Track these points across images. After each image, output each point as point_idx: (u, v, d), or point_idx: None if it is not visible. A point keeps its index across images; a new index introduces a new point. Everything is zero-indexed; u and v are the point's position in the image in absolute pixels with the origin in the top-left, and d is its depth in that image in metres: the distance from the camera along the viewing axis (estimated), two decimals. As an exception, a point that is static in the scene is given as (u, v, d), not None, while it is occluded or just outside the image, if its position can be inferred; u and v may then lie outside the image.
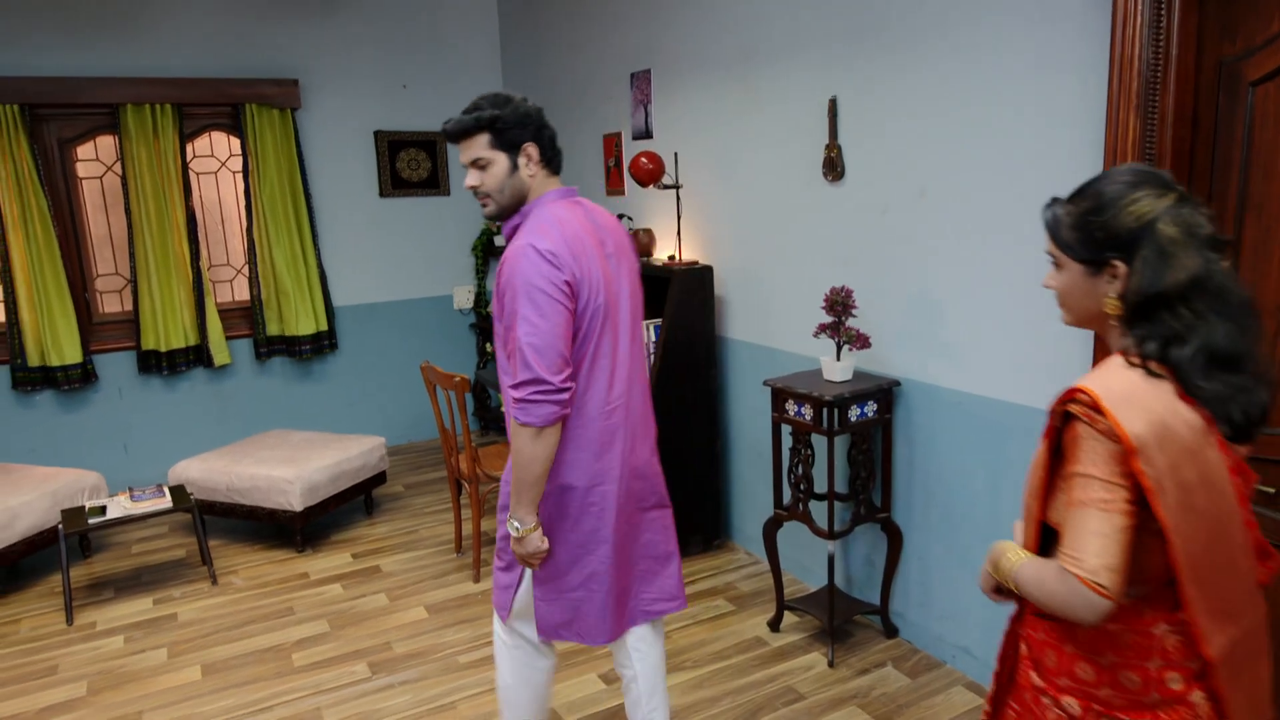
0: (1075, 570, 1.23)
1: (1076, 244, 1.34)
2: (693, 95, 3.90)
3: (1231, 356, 1.26)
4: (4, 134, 4.47)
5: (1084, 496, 1.25)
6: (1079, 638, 1.35)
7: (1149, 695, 1.31)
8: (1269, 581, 1.37)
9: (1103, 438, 1.23)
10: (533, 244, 1.94)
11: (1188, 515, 1.23)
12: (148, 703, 3.03)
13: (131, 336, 5.00)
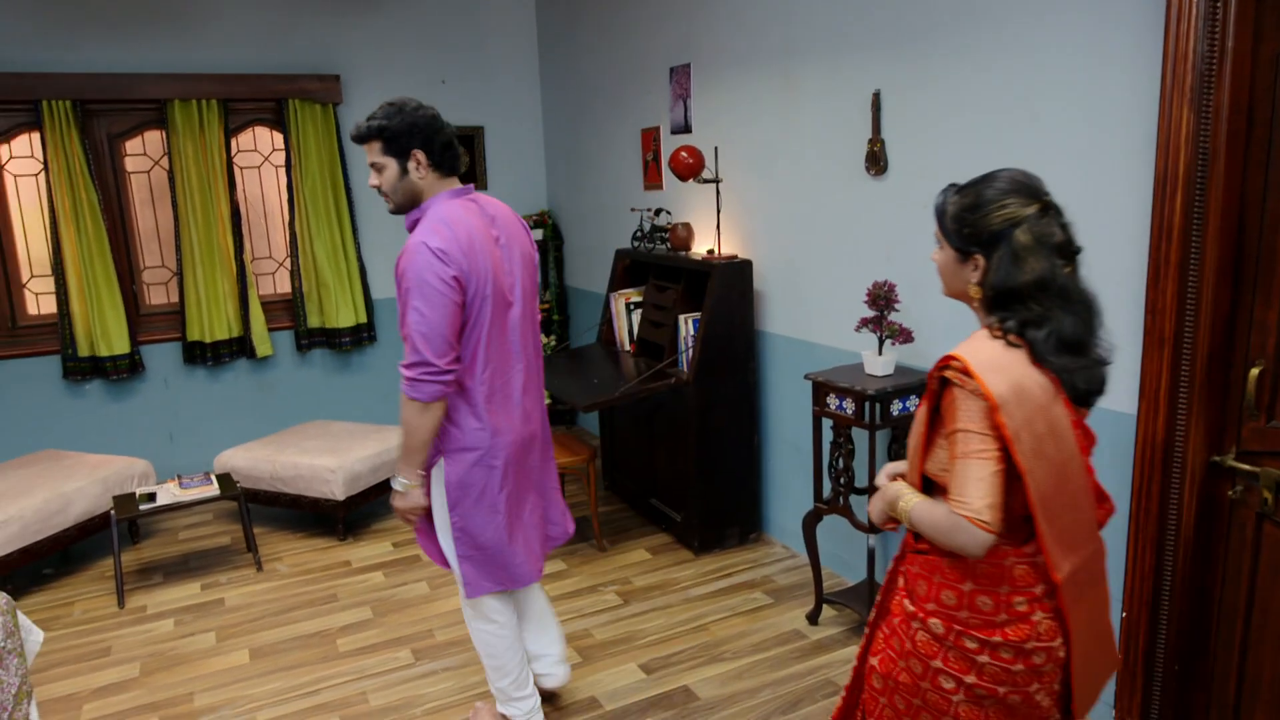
0: (963, 511, 1.48)
1: (952, 234, 1.59)
2: (733, 90, 3.90)
3: (1076, 342, 1.52)
4: (57, 129, 4.57)
5: (965, 449, 1.50)
6: (945, 570, 1.60)
7: (998, 615, 1.57)
8: (1105, 522, 1.65)
9: (974, 397, 1.49)
10: (425, 242, 2.20)
11: (1039, 460, 1.48)
12: (198, 684, 3.11)
13: (177, 328, 5.10)
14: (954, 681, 1.58)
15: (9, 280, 4.79)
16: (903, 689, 1.65)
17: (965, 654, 1.57)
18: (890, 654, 1.67)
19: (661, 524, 4.22)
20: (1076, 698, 1.64)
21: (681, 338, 3.93)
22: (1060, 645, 1.58)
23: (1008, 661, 1.56)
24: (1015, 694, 1.57)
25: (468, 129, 5.64)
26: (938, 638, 1.60)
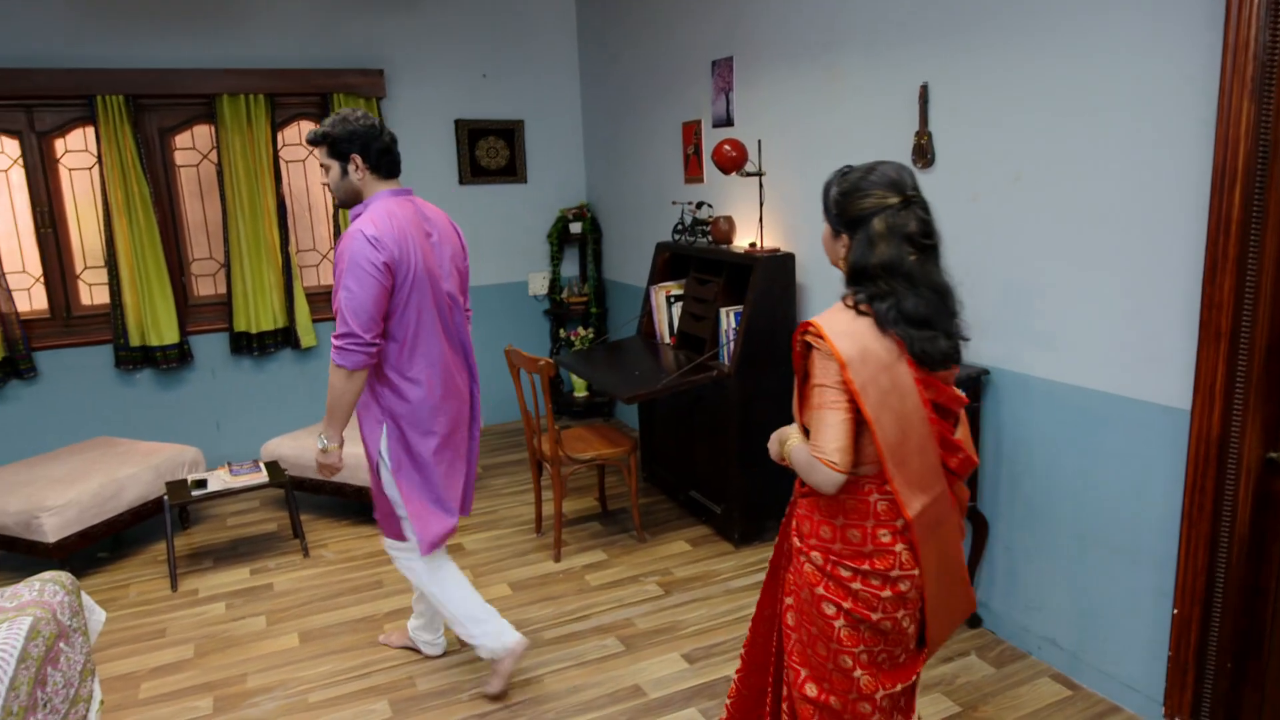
0: (817, 454, 1.74)
1: (828, 211, 1.84)
2: (776, 83, 3.90)
3: (918, 319, 1.73)
4: (111, 123, 4.68)
5: (820, 401, 1.75)
6: (822, 508, 1.85)
7: (866, 546, 1.80)
8: (959, 468, 1.84)
9: (827, 357, 1.73)
10: (362, 230, 2.51)
11: (884, 410, 1.71)
12: (251, 666, 3.19)
13: (224, 318, 5.20)
14: (834, 607, 1.83)
15: (64, 271, 4.92)
16: (804, 618, 1.89)
17: (841, 582, 1.82)
18: (794, 587, 1.91)
19: (701, 516, 4.24)
20: (929, 626, 1.86)
21: (723, 331, 3.94)
22: (919, 575, 1.81)
23: (876, 588, 1.80)
24: (886, 619, 1.81)
25: (508, 123, 5.68)
26: (819, 568, 1.85)
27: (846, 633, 1.82)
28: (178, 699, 3.00)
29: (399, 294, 2.58)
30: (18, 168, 4.77)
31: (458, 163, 5.60)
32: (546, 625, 3.38)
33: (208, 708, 2.95)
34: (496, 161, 5.69)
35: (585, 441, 4.01)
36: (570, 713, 2.84)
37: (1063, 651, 2.93)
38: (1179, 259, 2.40)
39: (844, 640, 1.82)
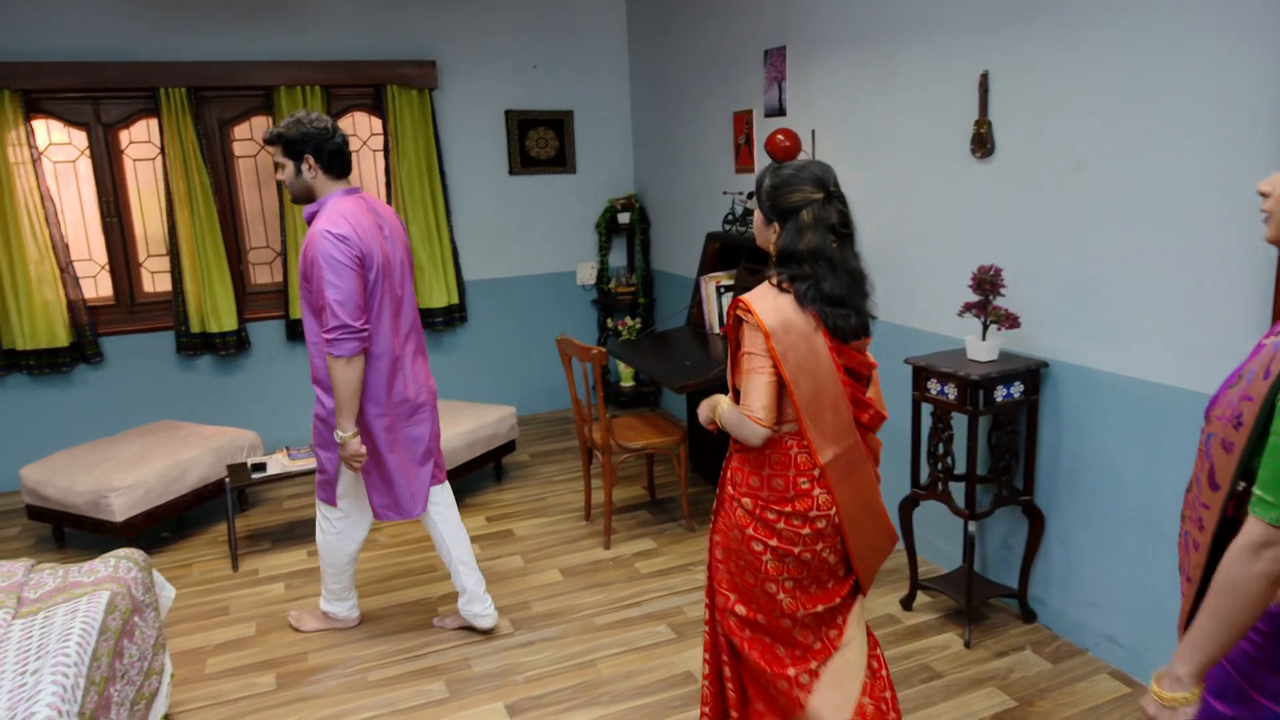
0: (746, 412, 2.01)
1: (762, 203, 2.06)
2: (831, 71, 3.88)
3: (834, 298, 1.98)
4: (173, 115, 4.79)
5: (748, 366, 2.00)
6: (751, 461, 2.11)
7: (789, 492, 2.07)
8: (870, 422, 2.12)
9: (754, 329, 1.98)
10: (328, 230, 2.70)
11: (801, 374, 1.99)
12: (311, 644, 3.27)
13: (280, 306, 5.31)
14: (762, 544, 2.11)
15: (128, 259, 5.06)
16: (732, 554, 2.17)
17: (768, 523, 2.09)
18: (724, 529, 2.19)
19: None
20: (852, 556, 2.15)
21: (774, 321, 3.93)
22: (835, 514, 2.09)
23: (797, 527, 2.08)
24: (806, 551, 2.09)
25: (558, 113, 5.71)
26: (749, 512, 2.12)
27: (773, 565, 2.11)
28: (242, 674, 3.09)
29: (366, 286, 2.79)
30: (85, 158, 4.91)
31: (508, 153, 5.65)
32: (599, 611, 3.42)
33: (270, 684, 3.03)
34: (546, 152, 5.72)
35: (635, 430, 4.04)
36: (625, 697, 2.88)
37: (1122, 648, 2.89)
38: (1249, 250, 2.35)
39: (770, 571, 2.11)
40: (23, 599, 2.44)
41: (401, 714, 2.84)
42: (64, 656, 2.04)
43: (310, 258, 2.73)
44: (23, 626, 2.29)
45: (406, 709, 2.86)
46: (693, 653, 3.11)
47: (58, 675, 1.97)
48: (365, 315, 2.77)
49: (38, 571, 2.60)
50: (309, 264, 2.74)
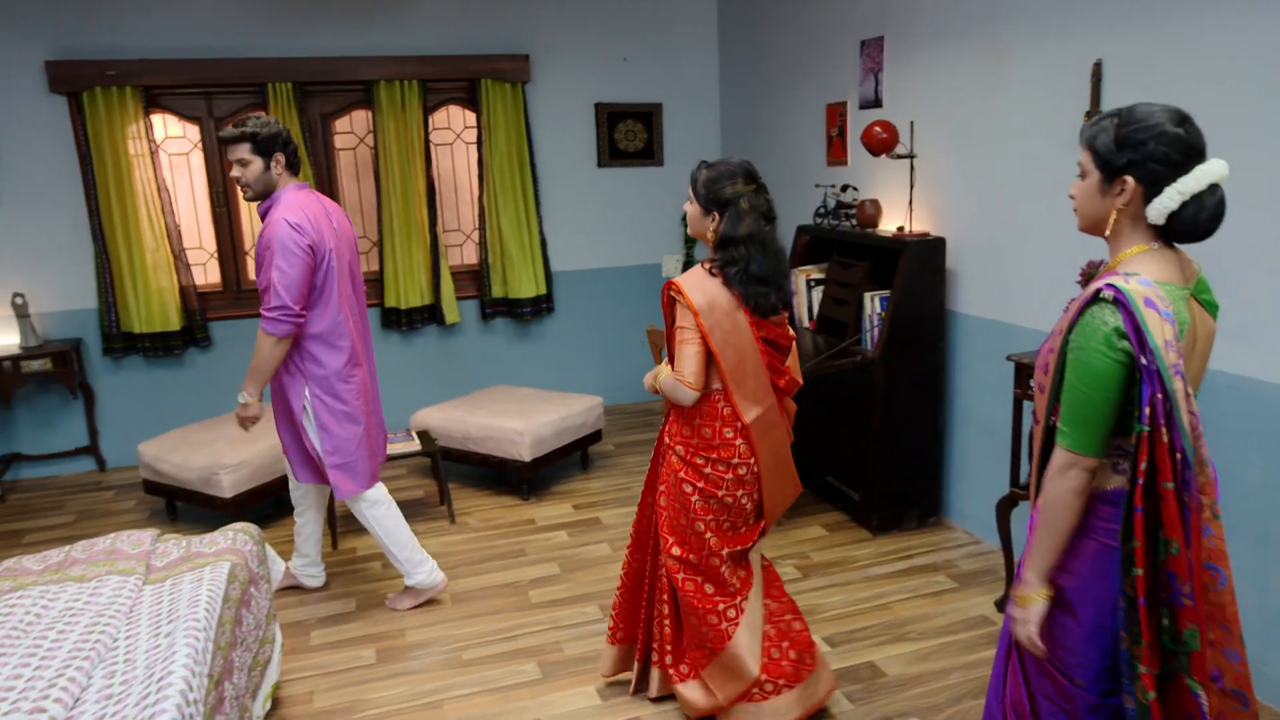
0: (678, 377, 2.36)
1: (700, 196, 2.36)
2: (931, 62, 3.80)
3: (761, 278, 2.33)
4: (280, 109, 4.98)
5: (680, 339, 2.36)
6: (684, 415, 2.45)
7: (715, 441, 2.42)
8: (786, 387, 2.48)
9: (685, 307, 2.33)
10: (286, 219, 2.93)
11: (726, 346, 2.34)
12: (408, 621, 3.37)
13: (376, 294, 5.47)
14: (691, 486, 2.45)
15: (235, 248, 5.28)
16: (669, 495, 2.52)
17: (697, 468, 2.44)
18: (665, 478, 2.53)
19: (837, 502, 4.21)
20: (765, 503, 2.52)
21: (866, 315, 3.89)
22: (755, 463, 2.43)
23: (722, 472, 2.42)
24: (728, 495, 2.44)
25: (647, 106, 5.74)
26: (681, 458, 2.47)
27: (700, 505, 2.45)
28: (345, 648, 3.21)
29: (318, 273, 3.03)
30: (197, 151, 5.15)
31: (596, 146, 5.70)
32: (686, 601, 3.44)
33: (371, 658, 3.14)
34: (634, 144, 5.76)
35: (723, 423, 4.04)
36: (714, 686, 2.89)
37: (1234, 660, 2.77)
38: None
39: (698, 510, 2.45)
40: (151, 566, 2.59)
41: (497, 692, 2.91)
42: (194, 621, 2.16)
43: (264, 243, 2.98)
44: (153, 592, 2.43)
45: (502, 688, 2.94)
46: (782, 646, 3.11)
47: (189, 638, 2.08)
48: (304, 303, 3.01)
49: (163, 541, 2.75)
50: (263, 250, 2.98)
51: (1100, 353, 1.51)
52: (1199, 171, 1.53)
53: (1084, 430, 1.55)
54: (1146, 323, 1.47)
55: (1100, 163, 1.59)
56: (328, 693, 2.95)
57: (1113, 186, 1.58)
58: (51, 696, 1.90)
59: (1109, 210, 1.60)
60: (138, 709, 1.85)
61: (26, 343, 4.77)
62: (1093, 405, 1.53)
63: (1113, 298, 1.51)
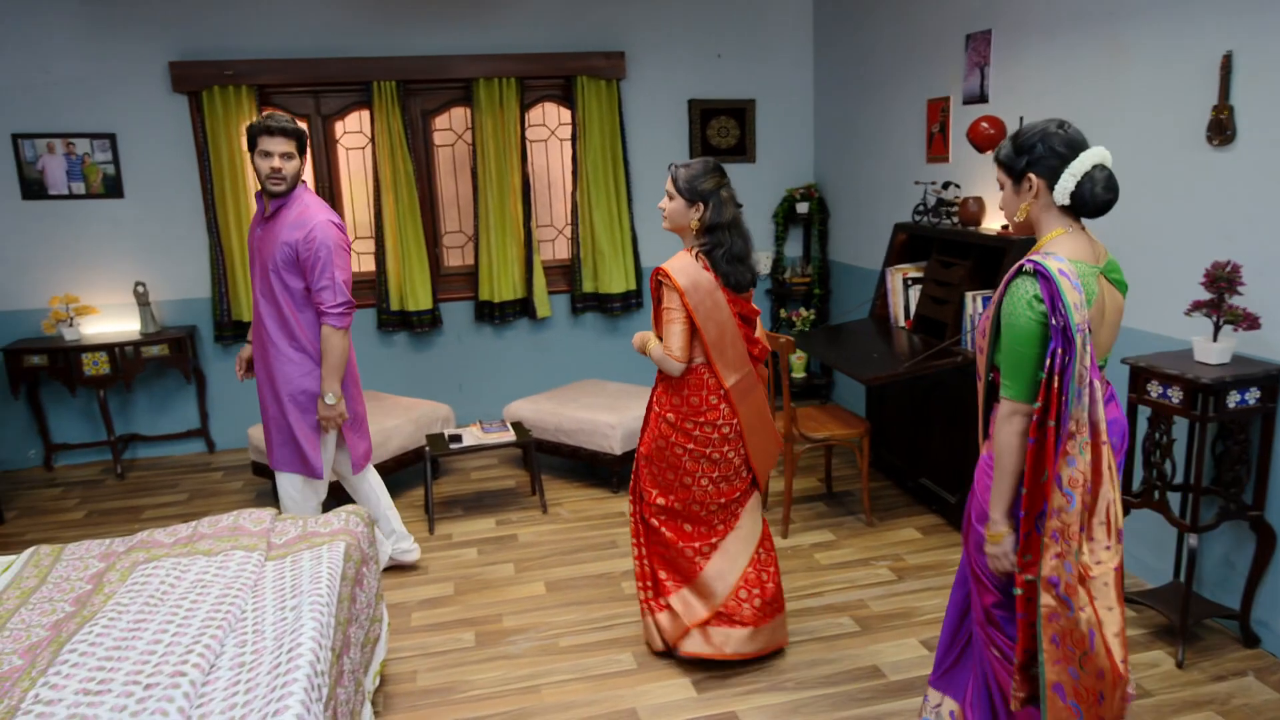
0: (667, 351, 2.70)
1: (684, 191, 2.69)
2: (1042, 56, 3.70)
3: (740, 257, 2.71)
4: (384, 107, 5.14)
5: (669, 318, 2.68)
6: (673, 386, 2.79)
7: (702, 406, 2.76)
8: (760, 354, 2.85)
9: (672, 289, 2.65)
10: (332, 220, 3.17)
11: (708, 321, 2.67)
12: (505, 608, 3.45)
13: (470, 288, 5.60)
14: (683, 449, 2.81)
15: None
16: (655, 457, 2.86)
17: (687, 431, 2.79)
18: (649, 440, 2.88)
19: (931, 504, 4.14)
20: (751, 459, 2.87)
21: (968, 315, 3.81)
22: (737, 423, 2.79)
23: (709, 433, 2.78)
24: (716, 452, 2.80)
25: (740, 102, 5.72)
26: (671, 424, 2.80)
27: (690, 463, 2.81)
28: (444, 630, 3.30)
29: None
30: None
31: (688, 142, 5.71)
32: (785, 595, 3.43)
33: (470, 641, 3.22)
34: (727, 141, 5.75)
35: (817, 421, 4.01)
36: (811, 685, 2.88)
37: (1366, 684, 2.64)
38: None
39: (689, 468, 2.82)
40: (271, 544, 2.71)
41: (594, 680, 2.96)
42: (318, 596, 2.26)
43: (315, 241, 3.10)
44: (274, 568, 2.54)
45: (598, 676, 2.98)
46: (878, 647, 3.08)
47: (315, 612, 2.18)
48: None
49: (280, 520, 2.87)
50: (308, 247, 3.10)
51: (1024, 315, 1.84)
52: (1084, 157, 1.89)
53: (1019, 381, 1.88)
54: (1062, 289, 1.79)
55: (1008, 171, 1.99)
56: (429, 672, 3.04)
57: (1022, 186, 1.96)
58: (190, 661, 2.01)
59: (1026, 206, 1.97)
60: (270, 676, 1.94)
61: (146, 329, 5.03)
62: (1023, 359, 1.86)
63: (1033, 270, 1.84)
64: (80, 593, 2.46)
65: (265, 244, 3.21)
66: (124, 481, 5.04)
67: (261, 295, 3.26)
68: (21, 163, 4.93)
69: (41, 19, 4.80)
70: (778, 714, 2.74)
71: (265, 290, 3.24)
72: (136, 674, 1.98)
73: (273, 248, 3.17)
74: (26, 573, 2.60)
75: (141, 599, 2.35)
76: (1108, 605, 1.83)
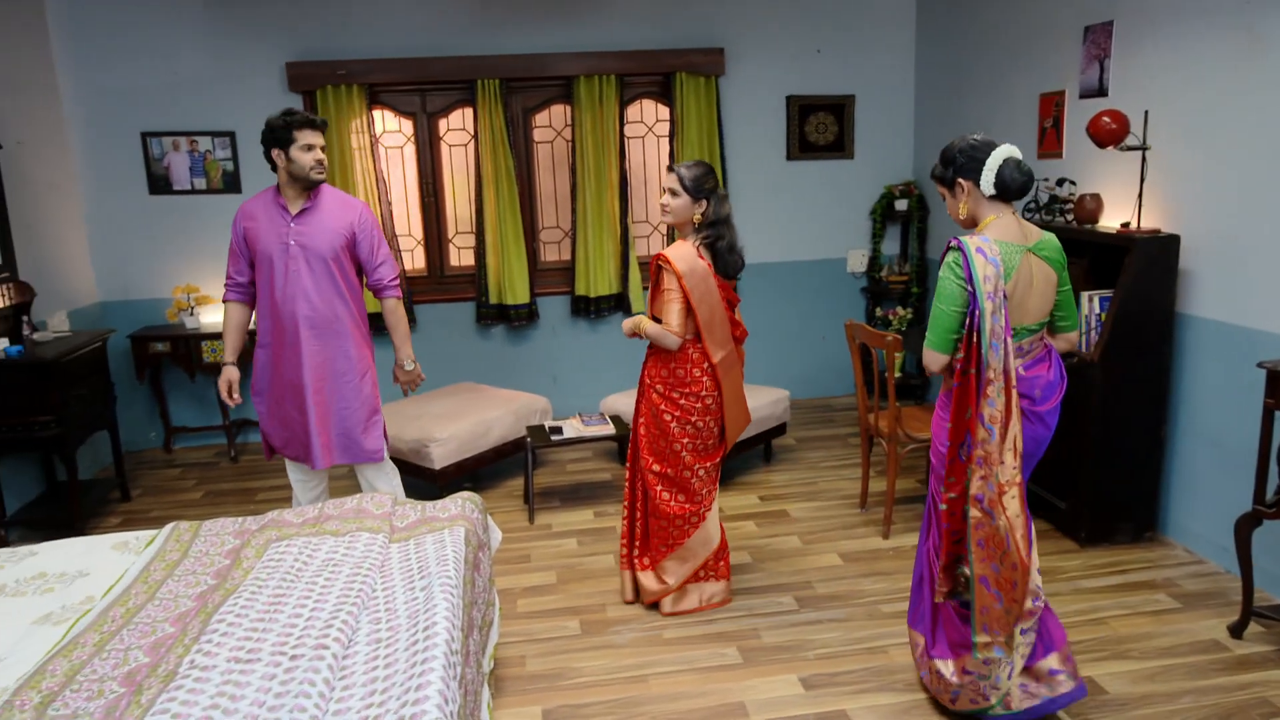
0: (667, 328, 3.06)
1: (691, 189, 3.05)
2: (1171, 48, 3.56)
3: (734, 247, 3.14)
4: (487, 104, 5.25)
5: (668, 299, 3.04)
6: (663, 359, 3.15)
7: (687, 379, 3.14)
8: (741, 335, 3.24)
9: (672, 273, 3.01)
10: (363, 204, 3.42)
11: (701, 303, 3.04)
12: (607, 598, 3.50)
13: (567, 283, 5.68)
14: (670, 415, 3.18)
15: (440, 236, 5.61)
16: (650, 428, 3.24)
17: (674, 400, 3.16)
18: (645, 412, 3.26)
19: (1038, 509, 4.03)
20: (727, 429, 3.25)
21: (1082, 316, 3.70)
22: (719, 394, 3.16)
23: (693, 402, 3.15)
24: (699, 420, 3.17)
25: (839, 98, 5.66)
26: (661, 394, 3.18)
27: (677, 429, 3.18)
28: (549, 618, 3.37)
29: None
30: (410, 144, 5.50)
31: (786, 139, 5.68)
32: (882, 599, 3.40)
33: (576, 629, 3.28)
34: (825, 137, 5.69)
35: (921, 421, 3.95)
36: (917, 687, 2.84)
37: None
38: None
39: (675, 434, 3.19)
40: (394, 527, 2.80)
41: (701, 673, 2.98)
42: (447, 578, 2.33)
43: (368, 220, 3.37)
44: (399, 549, 2.63)
45: (705, 668, 3.00)
46: (989, 652, 3.02)
47: (446, 593, 2.25)
48: None
49: (400, 505, 2.97)
50: (364, 226, 3.35)
51: (948, 279, 2.36)
52: (995, 154, 2.37)
53: (935, 333, 2.42)
54: (974, 263, 2.29)
55: (944, 183, 2.50)
56: (537, 658, 3.10)
57: (956, 191, 2.47)
58: (330, 636, 2.10)
59: (964, 204, 2.46)
60: (408, 653, 2.02)
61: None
62: (941, 315, 2.39)
63: (956, 245, 2.35)
64: (219, 567, 2.59)
65: (310, 237, 3.26)
66: (237, 465, 5.27)
67: (311, 289, 3.28)
68: (149, 159, 5.20)
69: (169, 25, 5.05)
70: (889, 714, 2.72)
71: (316, 283, 3.27)
72: (281, 645, 2.08)
73: (324, 237, 3.26)
74: (169, 547, 2.74)
75: (278, 575, 2.46)
76: (1015, 513, 2.35)
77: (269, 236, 3.29)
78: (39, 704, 1.93)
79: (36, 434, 4.04)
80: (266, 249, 3.28)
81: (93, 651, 2.14)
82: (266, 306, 3.34)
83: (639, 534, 3.36)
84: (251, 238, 3.32)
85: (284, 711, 1.86)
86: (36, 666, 2.08)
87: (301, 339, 3.31)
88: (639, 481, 3.33)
